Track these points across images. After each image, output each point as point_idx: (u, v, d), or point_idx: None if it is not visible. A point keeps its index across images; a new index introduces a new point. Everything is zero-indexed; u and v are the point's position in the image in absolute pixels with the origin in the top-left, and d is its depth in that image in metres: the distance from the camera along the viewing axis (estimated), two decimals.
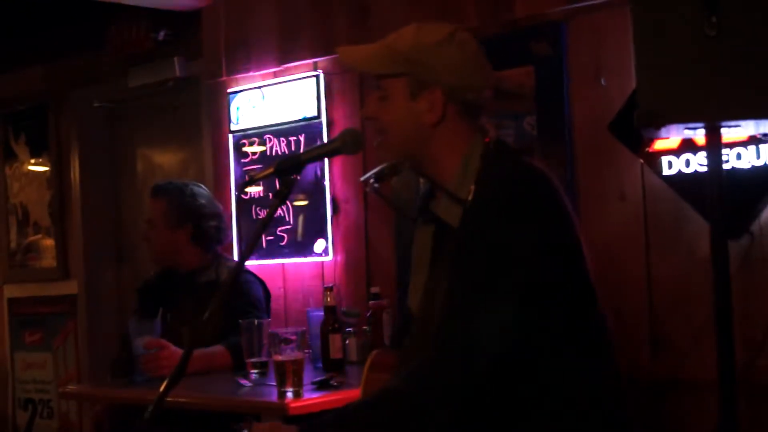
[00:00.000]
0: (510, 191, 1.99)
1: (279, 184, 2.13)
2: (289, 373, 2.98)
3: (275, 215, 4.05)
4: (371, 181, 2.30)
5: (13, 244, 5.59)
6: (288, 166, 2.13)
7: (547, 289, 1.93)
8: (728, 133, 2.81)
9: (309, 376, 3.15)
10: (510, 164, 2.08)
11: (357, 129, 2.20)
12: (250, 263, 4.08)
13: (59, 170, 5.34)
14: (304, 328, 3.22)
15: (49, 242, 5.37)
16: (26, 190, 5.53)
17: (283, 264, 4.16)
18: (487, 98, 2.16)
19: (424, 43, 2.10)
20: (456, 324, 1.93)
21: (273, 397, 3.00)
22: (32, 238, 5.46)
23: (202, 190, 3.90)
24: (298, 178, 2.16)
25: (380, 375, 2.28)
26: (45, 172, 5.43)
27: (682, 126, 2.67)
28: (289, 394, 2.96)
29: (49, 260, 5.37)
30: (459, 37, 2.12)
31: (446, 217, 2.07)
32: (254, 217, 4.23)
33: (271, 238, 4.13)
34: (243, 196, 4.21)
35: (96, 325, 5.19)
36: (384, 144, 2.14)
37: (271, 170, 2.14)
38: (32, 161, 5.50)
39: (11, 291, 5.63)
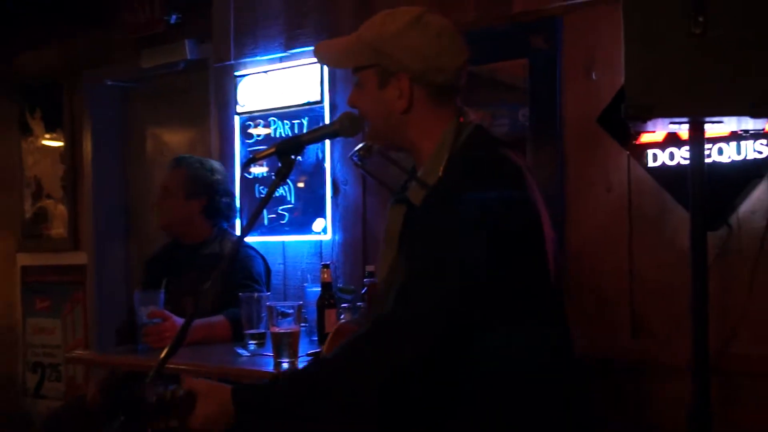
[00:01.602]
0: (471, 180, 1.98)
1: (280, 164, 2.13)
2: (286, 345, 3.01)
3: (276, 194, 4.09)
4: (354, 157, 2.31)
5: (27, 215, 5.58)
6: (289, 147, 2.15)
7: (492, 272, 1.91)
8: (711, 129, 2.82)
9: (304, 348, 3.16)
10: (481, 153, 2.07)
11: (355, 113, 2.20)
12: (253, 239, 4.12)
13: (72, 146, 5.34)
14: (301, 303, 3.23)
15: (61, 209, 5.37)
16: (40, 164, 5.53)
17: (283, 241, 4.16)
18: (461, 78, 2.14)
19: (387, 32, 2.10)
20: (412, 294, 1.93)
21: (269, 367, 3.00)
22: (45, 202, 5.47)
23: (220, 167, 3.95)
24: (299, 158, 2.18)
25: (338, 342, 2.28)
26: (59, 147, 5.42)
27: (667, 120, 2.69)
28: (285, 365, 2.97)
29: (60, 230, 5.37)
30: (425, 20, 2.10)
31: (413, 198, 2.07)
32: (257, 195, 4.24)
33: (273, 216, 4.14)
34: (246, 175, 4.23)
35: (103, 294, 5.20)
36: (370, 131, 2.18)
37: (272, 150, 2.16)
38: (47, 136, 5.50)
39: (24, 259, 5.63)
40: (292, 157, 2.14)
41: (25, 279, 5.63)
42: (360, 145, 2.28)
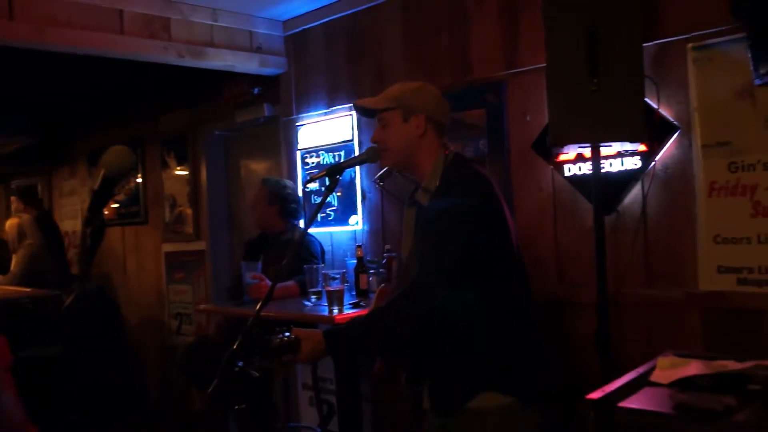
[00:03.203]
0: (457, 187, 2.03)
1: (328, 181, 2.16)
2: (335, 298, 3.05)
3: (326, 201, 4.13)
4: (379, 180, 2.33)
5: (167, 219, 5.64)
6: (333, 170, 2.17)
7: (477, 244, 1.95)
8: (605, 150, 2.84)
9: (347, 299, 3.19)
10: (462, 169, 2.11)
11: (375, 147, 2.23)
12: (313, 230, 4.16)
13: (194, 174, 5.38)
14: (344, 271, 3.27)
15: (188, 214, 5.42)
16: (174, 186, 5.57)
17: (331, 231, 4.19)
18: (448, 124, 2.20)
19: (406, 90, 2.16)
20: (423, 265, 1.97)
21: (325, 312, 3.05)
22: (178, 210, 5.52)
23: (290, 183, 4.02)
24: (340, 177, 2.21)
25: (382, 301, 2.31)
26: (185, 175, 5.46)
27: (576, 145, 2.72)
28: (335, 311, 3.02)
29: (188, 228, 5.42)
30: (427, 87, 2.20)
31: (421, 200, 2.09)
32: (313, 202, 4.27)
33: (324, 215, 4.17)
34: (306, 189, 4.28)
35: (216, 268, 5.24)
36: (386, 156, 2.18)
37: (324, 173, 2.17)
38: (178, 168, 5.54)
39: (167, 247, 5.69)
40: (336, 176, 2.17)
41: (168, 260, 5.69)
42: (380, 172, 2.30)
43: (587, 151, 2.86)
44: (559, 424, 2.68)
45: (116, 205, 6.15)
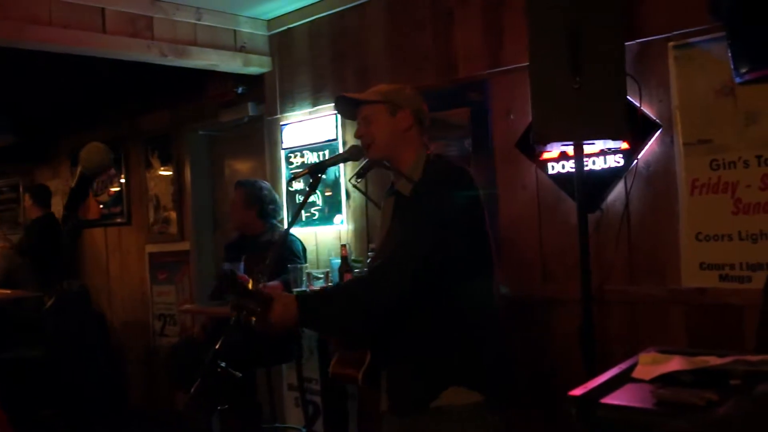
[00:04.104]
0: (441, 176, 2.02)
1: (311, 180, 2.14)
2: None
3: (310, 200, 4.10)
4: (355, 178, 2.30)
5: (151, 220, 5.57)
6: (316, 168, 2.14)
7: (456, 227, 1.93)
8: (588, 148, 2.83)
9: None
10: (444, 164, 2.11)
11: (359, 145, 2.21)
12: (296, 229, 4.12)
13: (178, 174, 5.31)
14: (328, 270, 3.24)
15: (172, 215, 5.35)
16: (158, 186, 5.50)
17: (315, 230, 4.16)
18: (428, 125, 2.19)
19: (391, 88, 2.16)
20: (401, 244, 1.95)
21: None
22: (163, 209, 5.45)
23: (266, 184, 3.94)
24: (324, 176, 2.18)
25: None
26: (169, 175, 5.39)
27: (559, 143, 2.71)
28: None
29: (172, 229, 5.35)
30: (407, 88, 2.19)
31: (402, 190, 2.08)
32: (297, 201, 4.22)
33: (308, 214, 4.14)
34: (290, 188, 4.23)
35: (200, 269, 5.18)
36: (372, 149, 2.14)
37: (306, 171, 2.15)
38: (162, 169, 5.47)
39: (150, 248, 5.61)
40: (318, 175, 2.15)
41: (152, 260, 5.61)
42: (356, 170, 2.28)
43: (571, 149, 2.84)
44: (540, 422, 2.67)
45: (101, 206, 6.06)
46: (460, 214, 1.95)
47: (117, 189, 5.93)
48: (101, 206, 6.08)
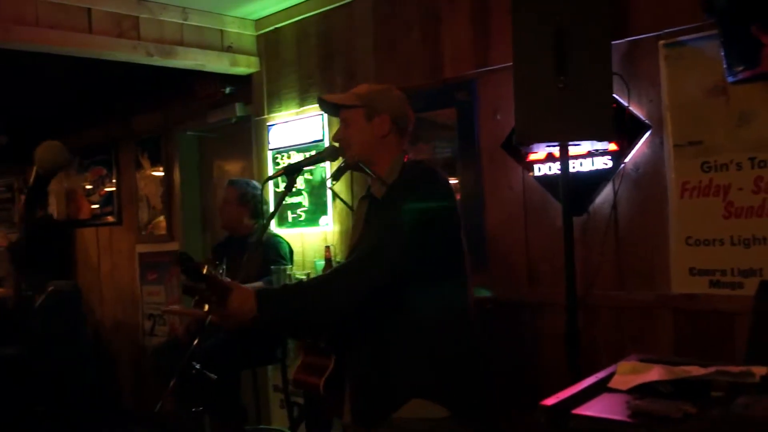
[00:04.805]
0: (414, 180, 1.93)
1: (287, 181, 2.04)
2: None
3: (296, 201, 3.98)
4: (331, 180, 2.23)
5: (141, 220, 5.46)
6: (292, 169, 2.05)
7: (426, 232, 1.83)
8: (575, 149, 2.70)
9: None
10: (420, 168, 2.00)
11: (334, 145, 2.10)
12: (282, 230, 4.01)
13: (168, 174, 5.19)
14: (310, 272, 3.13)
15: (162, 215, 5.24)
16: (148, 187, 5.38)
17: (302, 231, 4.03)
18: (410, 129, 2.08)
19: (374, 90, 2.06)
20: (367, 248, 1.87)
21: None
22: (153, 209, 5.33)
23: (258, 184, 3.85)
24: (297, 177, 2.09)
25: None
26: (159, 176, 5.27)
27: (543, 144, 2.58)
28: None
29: (161, 229, 5.24)
30: (392, 90, 2.08)
31: (376, 193, 2.00)
32: (284, 202, 4.09)
33: (295, 215, 4.01)
34: (276, 189, 4.11)
35: None
36: (349, 153, 2.05)
37: (281, 171, 2.06)
38: (152, 169, 5.35)
39: (140, 248, 5.50)
40: (293, 175, 2.05)
41: (142, 260, 5.50)
42: (333, 172, 2.19)
43: (557, 151, 2.72)
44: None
45: (95, 206, 5.94)
46: (431, 218, 1.85)
47: (109, 189, 5.82)
48: (96, 206, 5.96)
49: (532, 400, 2.55)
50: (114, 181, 5.74)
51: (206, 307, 1.73)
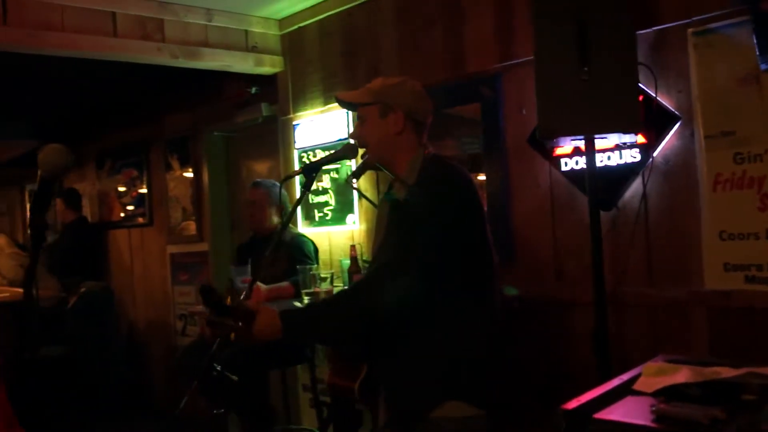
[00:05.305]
0: (434, 180, 1.90)
1: (305, 180, 2.03)
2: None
3: (322, 199, 3.97)
4: (352, 178, 2.21)
5: (172, 221, 5.51)
6: (310, 168, 2.04)
7: (449, 233, 1.82)
8: (602, 143, 2.63)
9: None
10: (440, 166, 1.96)
11: (352, 143, 2.07)
12: (309, 229, 4.00)
13: (197, 175, 5.23)
14: (333, 271, 3.10)
15: (192, 216, 5.27)
16: (178, 188, 5.43)
17: (329, 230, 4.01)
18: (429, 122, 2.04)
19: (386, 85, 2.03)
20: (392, 251, 1.86)
21: None
22: (185, 223, 5.36)
23: (279, 184, 3.83)
24: (316, 175, 2.07)
25: None
26: (189, 177, 5.31)
27: (568, 138, 2.51)
28: None
29: (192, 231, 5.27)
30: (409, 82, 2.05)
31: (398, 194, 1.97)
32: (310, 201, 4.07)
33: (322, 214, 4.00)
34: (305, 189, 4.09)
35: (218, 268, 5.07)
36: (368, 152, 2.03)
37: (300, 170, 2.06)
38: (181, 170, 5.40)
39: (171, 249, 5.55)
40: (312, 174, 2.03)
41: (173, 261, 5.54)
42: (353, 170, 2.17)
43: (584, 145, 2.64)
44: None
45: (131, 207, 6.01)
46: (454, 219, 1.83)
47: (141, 191, 5.88)
48: (132, 207, 6.02)
49: (560, 402, 2.50)
50: (145, 182, 5.81)
51: (233, 336, 1.78)
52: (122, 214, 6.11)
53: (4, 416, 2.22)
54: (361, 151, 2.10)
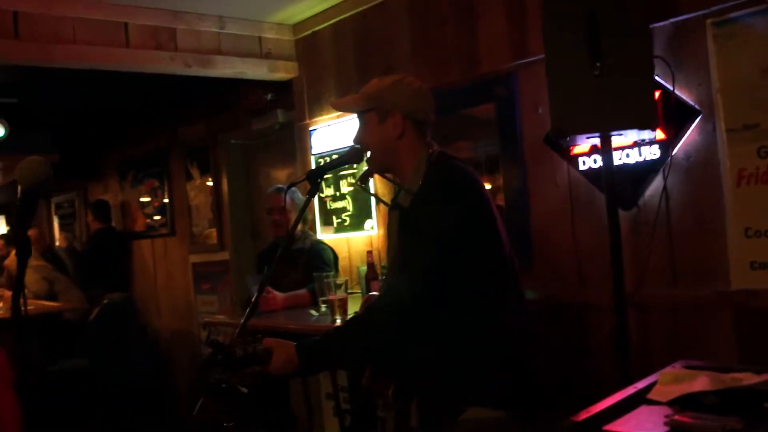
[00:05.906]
0: (438, 185, 1.85)
1: (311, 186, 1.98)
2: (337, 307, 2.84)
3: (339, 205, 3.93)
4: (359, 181, 2.17)
5: (193, 230, 5.54)
6: (314, 173, 2.00)
7: (459, 242, 1.78)
8: (619, 140, 2.56)
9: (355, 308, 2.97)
10: (445, 168, 1.90)
11: (357, 147, 2.03)
12: (328, 236, 3.97)
13: (216, 183, 5.25)
14: (347, 278, 3.07)
15: (212, 226, 5.28)
16: (199, 197, 5.46)
17: (347, 236, 3.98)
18: (431, 119, 1.99)
19: (382, 87, 1.98)
20: (401, 269, 1.84)
21: (328, 322, 2.85)
22: (206, 231, 5.37)
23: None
24: (321, 181, 2.03)
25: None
26: (209, 186, 5.33)
27: (584, 136, 2.43)
28: (338, 320, 2.81)
29: (212, 239, 5.29)
30: (405, 80, 1.98)
31: (403, 203, 1.92)
32: (328, 207, 4.04)
33: (340, 220, 3.97)
34: (320, 194, 4.07)
35: (239, 278, 5.07)
36: (371, 158, 1.99)
37: (304, 177, 2.01)
38: (201, 179, 5.42)
39: (193, 258, 5.58)
40: (317, 180, 1.99)
41: (195, 270, 5.57)
42: (361, 174, 2.12)
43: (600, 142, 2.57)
44: None
45: (157, 218, 6.05)
46: (459, 224, 1.78)
47: (164, 201, 5.92)
48: (155, 218, 6.07)
49: (580, 409, 2.42)
50: (166, 192, 5.85)
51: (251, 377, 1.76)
52: (146, 224, 6.16)
53: (14, 420, 2.24)
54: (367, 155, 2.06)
